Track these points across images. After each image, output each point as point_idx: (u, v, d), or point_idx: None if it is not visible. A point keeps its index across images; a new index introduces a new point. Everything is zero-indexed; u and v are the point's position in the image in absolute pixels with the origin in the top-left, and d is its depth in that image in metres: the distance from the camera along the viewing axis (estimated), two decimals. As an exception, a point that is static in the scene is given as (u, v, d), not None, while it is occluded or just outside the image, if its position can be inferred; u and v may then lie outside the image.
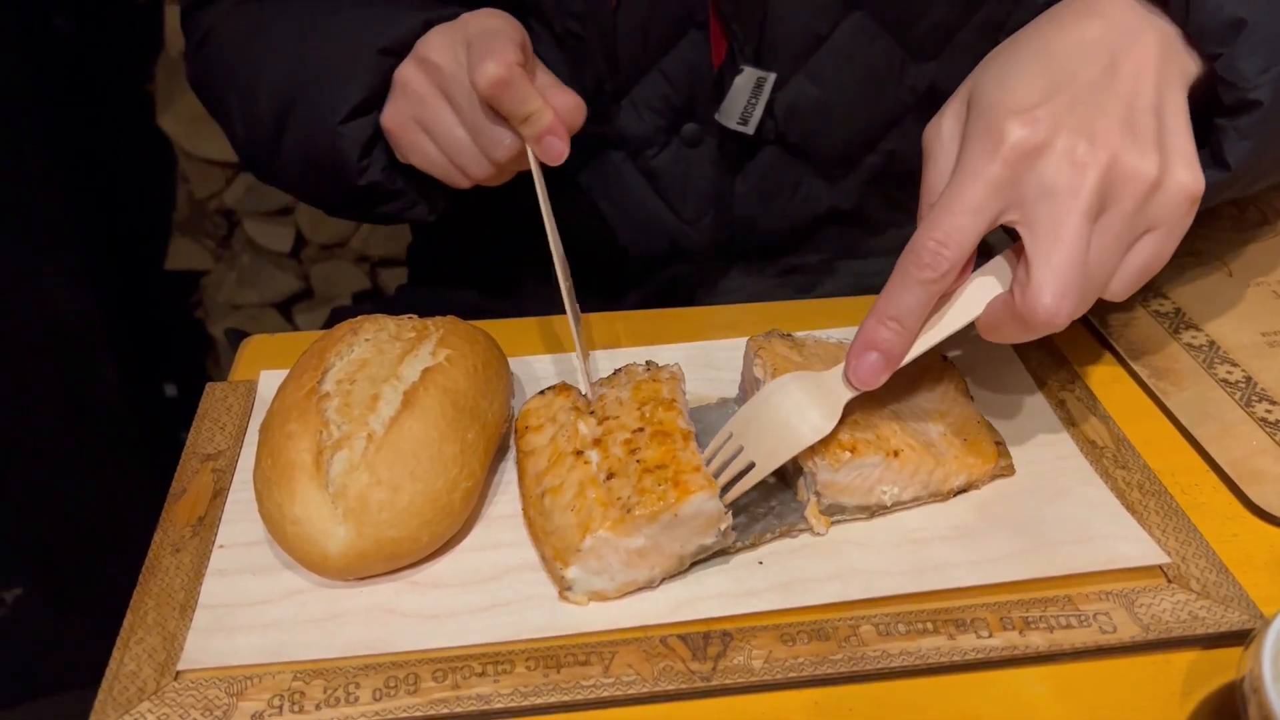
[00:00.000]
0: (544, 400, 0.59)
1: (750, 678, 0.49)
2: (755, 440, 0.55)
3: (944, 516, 0.57)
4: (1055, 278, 0.49)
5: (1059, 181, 0.49)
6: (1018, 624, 0.51)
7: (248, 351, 0.72)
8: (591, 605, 0.52)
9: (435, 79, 0.63)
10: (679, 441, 0.53)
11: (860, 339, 0.53)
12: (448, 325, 0.60)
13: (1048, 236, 0.49)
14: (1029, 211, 0.50)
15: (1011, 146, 0.50)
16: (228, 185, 1.62)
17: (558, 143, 0.60)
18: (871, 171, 0.84)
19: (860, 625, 0.52)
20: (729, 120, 0.76)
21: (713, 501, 0.51)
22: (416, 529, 0.52)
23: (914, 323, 0.52)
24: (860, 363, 0.53)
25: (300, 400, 0.54)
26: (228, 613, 0.52)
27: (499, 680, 0.49)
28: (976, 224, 0.50)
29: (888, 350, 0.53)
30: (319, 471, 0.52)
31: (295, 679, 0.49)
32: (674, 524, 0.51)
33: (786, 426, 0.54)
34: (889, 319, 0.52)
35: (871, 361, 0.53)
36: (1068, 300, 0.49)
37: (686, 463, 0.52)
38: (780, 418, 0.55)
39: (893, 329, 0.52)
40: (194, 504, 0.59)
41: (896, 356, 0.53)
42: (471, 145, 0.63)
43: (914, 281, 0.51)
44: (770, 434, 0.54)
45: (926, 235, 0.50)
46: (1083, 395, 0.66)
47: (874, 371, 0.53)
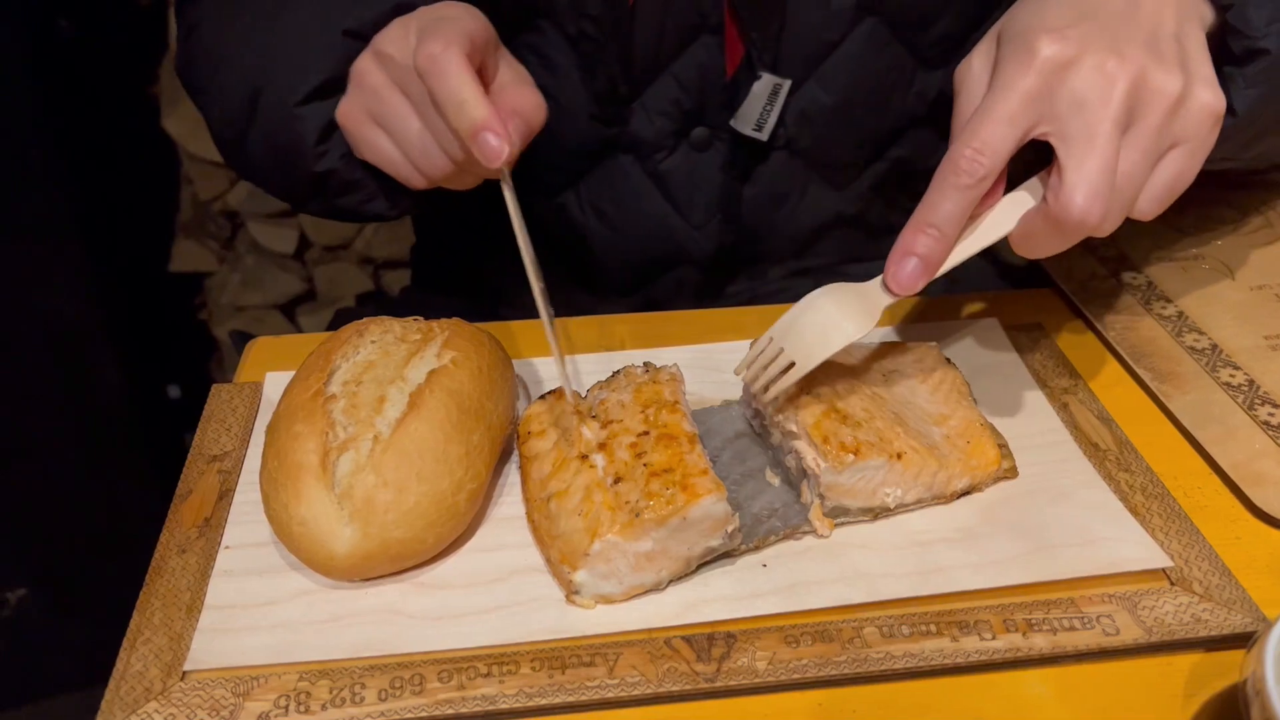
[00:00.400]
0: (545, 405, 0.59)
1: (754, 679, 0.49)
2: (796, 341, 0.55)
3: (947, 519, 0.58)
4: (1087, 180, 0.50)
5: (1090, 93, 0.50)
6: (1021, 626, 0.52)
7: (253, 353, 0.72)
8: (599, 607, 0.52)
9: (390, 71, 0.60)
10: (685, 444, 0.53)
11: (899, 246, 0.54)
12: (453, 327, 0.60)
13: (1080, 143, 0.50)
14: (1061, 122, 0.51)
15: (1044, 60, 0.51)
16: (231, 187, 1.61)
17: (492, 139, 0.55)
18: (878, 178, 0.85)
19: (864, 627, 0.52)
20: (744, 126, 0.76)
21: (721, 504, 0.51)
22: (422, 530, 0.53)
23: (952, 229, 0.53)
24: (899, 268, 0.53)
25: (306, 402, 0.55)
26: (234, 613, 0.53)
27: (504, 681, 0.49)
28: (1011, 133, 0.51)
29: (926, 256, 0.53)
30: (325, 473, 0.52)
31: (301, 679, 0.50)
32: (682, 527, 0.51)
33: (827, 325, 0.55)
34: (928, 225, 0.53)
35: (910, 267, 0.53)
36: (1099, 201, 0.50)
37: (694, 466, 0.52)
38: (821, 318, 0.55)
39: (931, 235, 0.53)
40: (200, 505, 0.59)
41: (934, 263, 0.53)
42: (428, 141, 0.60)
43: (951, 188, 0.52)
44: (811, 334, 0.55)
45: (963, 144, 0.52)
46: (1085, 398, 0.66)
47: (913, 277, 0.53)
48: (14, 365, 1.33)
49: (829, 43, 0.75)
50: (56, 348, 1.39)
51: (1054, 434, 0.63)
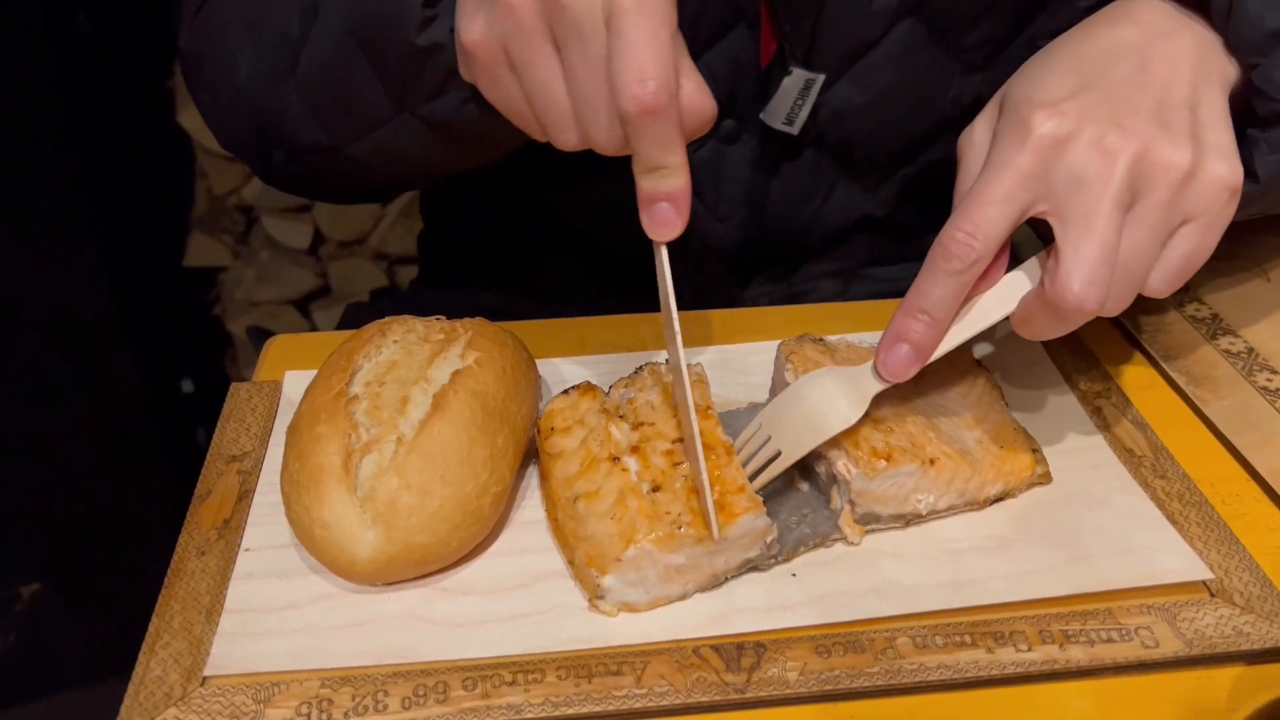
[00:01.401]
0: (569, 401, 0.58)
1: (785, 690, 0.48)
2: (783, 429, 0.55)
3: (980, 526, 0.56)
4: (1085, 264, 0.48)
5: (1088, 170, 0.49)
6: (1057, 637, 0.50)
7: (271, 351, 0.71)
8: (622, 616, 0.51)
9: (550, 12, 0.46)
10: (722, 456, 0.52)
11: (890, 331, 0.53)
12: (476, 327, 0.59)
13: (1077, 224, 0.49)
14: (1059, 201, 0.49)
15: (1040, 137, 0.49)
16: (246, 181, 1.61)
17: (673, 216, 0.48)
18: (909, 181, 0.83)
19: (896, 637, 0.51)
20: (774, 120, 0.74)
21: (761, 519, 0.50)
22: (446, 534, 0.52)
23: (944, 315, 0.52)
24: (890, 355, 0.53)
25: (328, 403, 0.54)
26: (254, 618, 0.52)
27: (529, 690, 0.48)
28: (1005, 214, 0.50)
29: (917, 343, 0.52)
30: (348, 475, 0.51)
31: (323, 686, 0.49)
32: (721, 546, 0.50)
33: (815, 415, 0.54)
34: (918, 311, 0.52)
35: (901, 354, 0.52)
36: (1096, 287, 0.48)
37: (732, 481, 0.51)
38: (808, 407, 0.54)
39: (923, 320, 0.52)
40: (219, 506, 0.58)
41: (926, 350, 0.52)
42: (568, 111, 0.49)
43: (942, 273, 0.50)
44: (798, 423, 0.54)
45: (955, 227, 0.50)
46: (1118, 401, 0.65)
47: (903, 364, 0.52)
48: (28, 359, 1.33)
49: (866, 41, 0.73)
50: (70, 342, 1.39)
51: (1087, 439, 0.62)
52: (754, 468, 0.55)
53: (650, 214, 0.49)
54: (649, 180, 0.48)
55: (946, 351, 0.53)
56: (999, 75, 0.78)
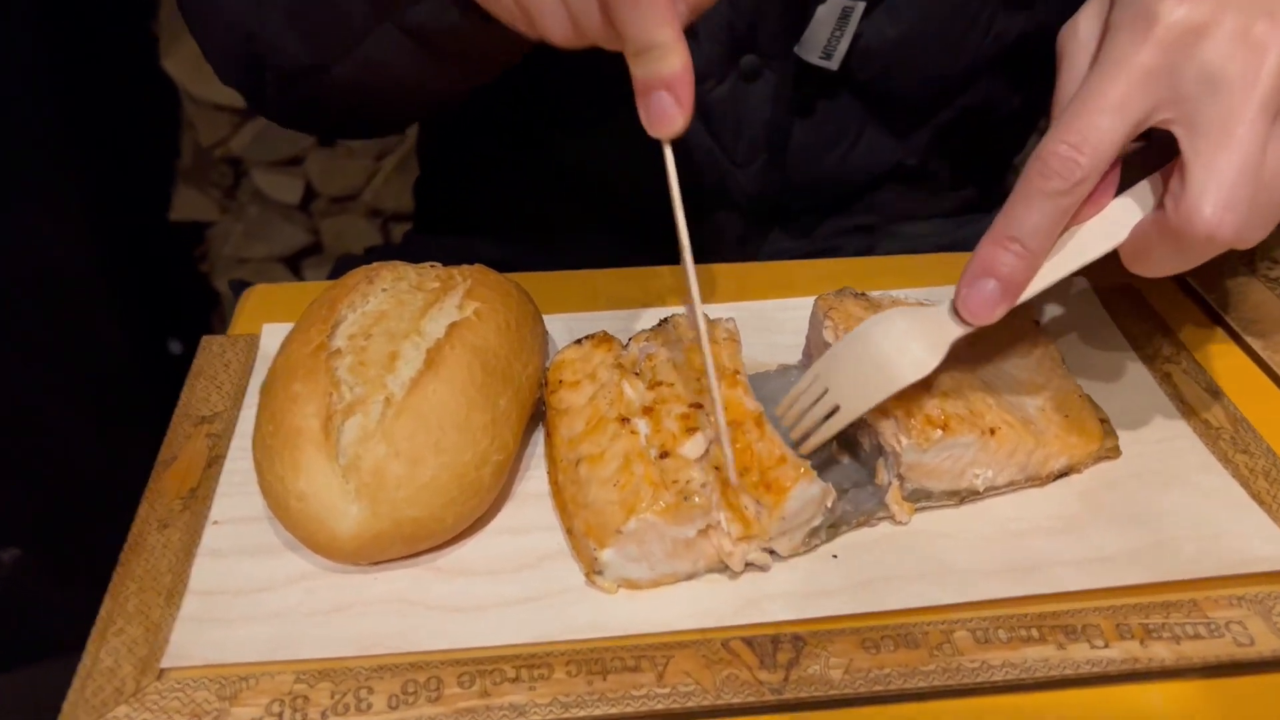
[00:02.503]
0: (581, 352, 0.52)
1: (829, 690, 0.42)
2: (844, 380, 0.47)
3: (1043, 505, 0.50)
4: (1219, 183, 0.40)
5: (1228, 67, 0.41)
6: (1137, 632, 0.44)
7: (250, 302, 0.65)
8: (641, 601, 0.45)
9: None
10: (752, 429, 0.46)
11: (974, 264, 0.45)
12: (476, 275, 0.52)
13: (1212, 135, 0.41)
14: (1188, 107, 0.41)
15: (1168, 27, 0.41)
16: (234, 132, 1.54)
17: (672, 107, 0.43)
18: (944, 127, 0.77)
19: (954, 630, 0.44)
20: (810, 54, 0.67)
21: (815, 484, 0.45)
22: (440, 508, 0.45)
23: (1039, 244, 0.44)
24: (973, 292, 0.45)
25: (307, 357, 0.47)
26: (221, 600, 0.46)
27: (535, 687, 0.42)
28: (1119, 125, 0.42)
29: (1007, 277, 0.44)
30: (328, 440, 0.45)
31: (298, 681, 0.43)
32: (781, 528, 0.45)
33: (883, 363, 0.47)
34: (1009, 240, 0.44)
35: (987, 291, 0.45)
36: (1234, 213, 0.40)
37: (770, 454, 0.46)
38: (875, 353, 0.47)
39: (1014, 252, 0.44)
40: (185, 473, 0.52)
41: (1017, 286, 0.45)
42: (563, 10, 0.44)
43: (1040, 194, 0.43)
44: (862, 372, 0.47)
45: (1057, 139, 0.42)
46: (1189, 369, 0.58)
47: (989, 303, 0.45)
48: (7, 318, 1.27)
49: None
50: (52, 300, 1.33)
51: (1158, 409, 0.56)
52: (806, 426, 0.48)
53: (647, 106, 0.43)
54: (641, 65, 0.42)
55: (1040, 290, 0.45)
56: (1046, 15, 0.71)
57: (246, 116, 1.54)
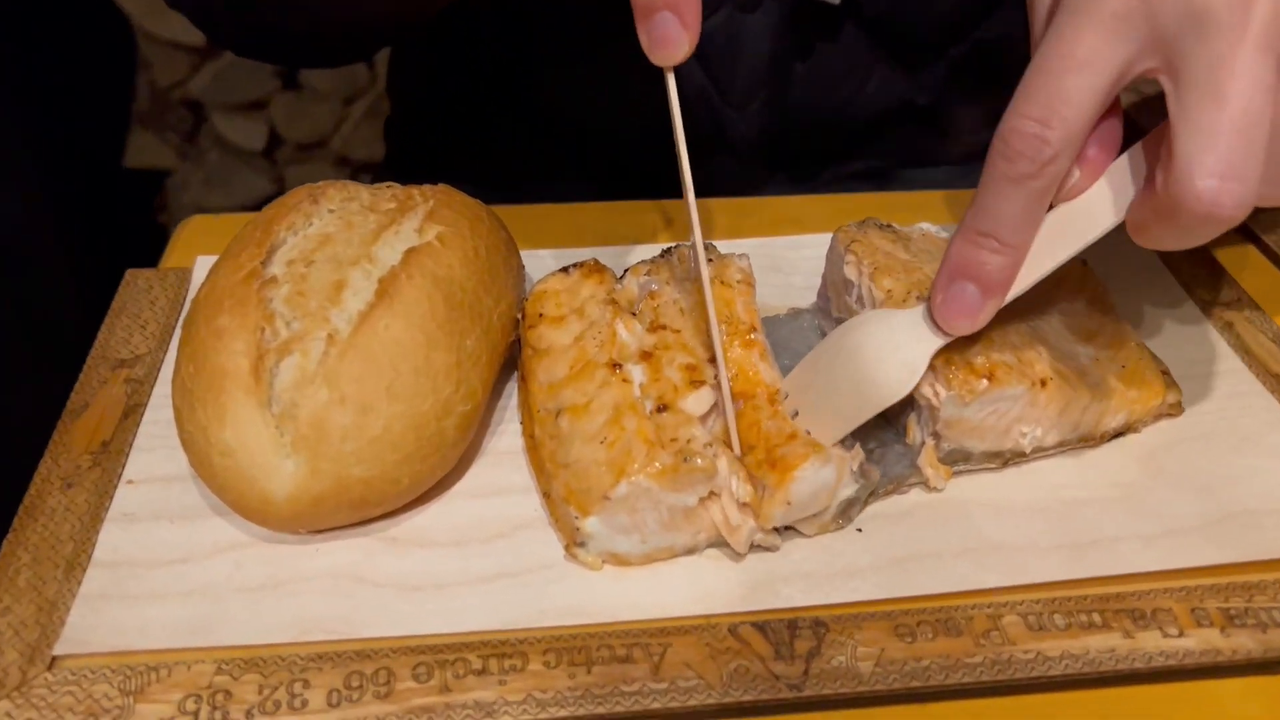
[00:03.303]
0: (567, 282, 0.45)
1: (856, 686, 0.36)
2: (812, 406, 0.41)
3: (1099, 470, 0.44)
4: (1212, 147, 0.33)
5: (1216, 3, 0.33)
6: (1216, 618, 0.38)
7: (185, 233, 0.58)
8: (635, 581, 0.39)
9: None
10: (764, 405, 0.40)
11: (948, 266, 0.39)
12: (440, 196, 0.45)
13: (1200, 85, 0.33)
14: (1171, 50, 0.34)
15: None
16: (194, 73, 1.48)
17: (675, 29, 0.38)
18: (957, 63, 0.71)
19: (1002, 615, 0.38)
20: None
21: (828, 467, 0.38)
22: (394, 466, 0.39)
23: (1018, 236, 0.38)
24: (950, 298, 0.39)
25: (236, 286, 0.40)
26: (130, 574, 0.39)
27: (506, 681, 0.35)
28: (1092, 84, 0.35)
29: (987, 278, 0.38)
30: (259, 384, 0.38)
31: (220, 672, 0.36)
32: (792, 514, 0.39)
33: (852, 386, 0.40)
34: (981, 235, 0.38)
35: (967, 296, 0.38)
36: (1236, 181, 0.33)
37: (779, 431, 0.39)
38: (843, 375, 0.41)
39: (991, 249, 0.38)
40: (97, 424, 0.45)
41: (1000, 285, 0.38)
42: None
43: (1005, 180, 0.36)
44: (829, 398, 0.41)
45: (1018, 113, 0.36)
46: (1253, 316, 0.52)
47: (970, 309, 0.39)
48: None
49: None
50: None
51: (1222, 361, 0.49)
52: None
53: (648, 29, 0.38)
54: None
55: (1032, 284, 0.39)
56: None
57: (206, 56, 1.48)
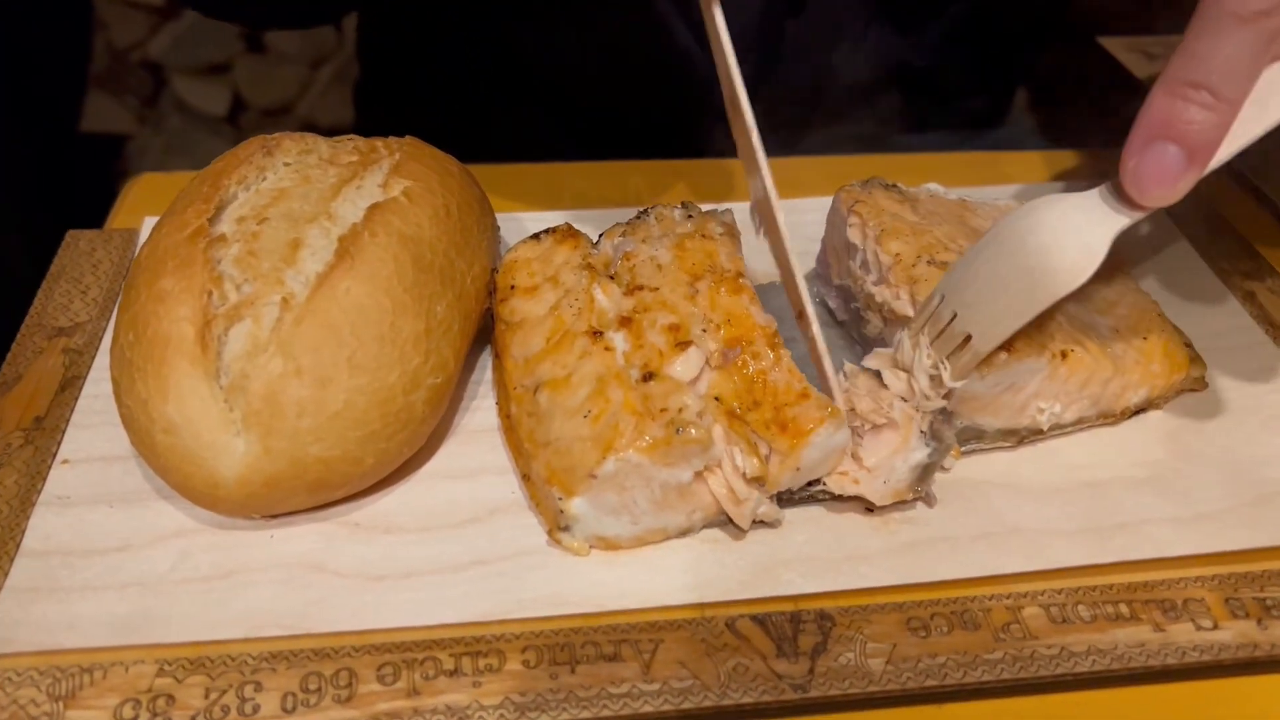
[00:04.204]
0: (539, 249, 0.41)
1: (867, 685, 0.33)
2: (974, 302, 0.37)
3: (1121, 449, 0.41)
4: None
5: None
6: (1252, 609, 0.35)
7: (134, 192, 0.54)
8: (625, 568, 0.36)
9: None
10: (765, 351, 0.37)
11: (1146, 123, 0.34)
12: (407, 148, 0.41)
13: None
14: None
15: None
16: (153, 33, 1.44)
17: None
18: (956, 23, 0.69)
19: (1023, 607, 0.35)
20: None
21: (844, 431, 0.36)
22: (356, 445, 0.35)
23: (1235, 90, 0.33)
24: (1147, 161, 0.34)
25: (180, 245, 0.36)
26: (64, 564, 0.36)
27: (481, 683, 0.32)
28: None
29: (1194, 138, 0.34)
30: (205, 353, 0.34)
31: (161, 673, 0.33)
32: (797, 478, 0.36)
33: (1025, 276, 0.36)
34: (1192, 86, 0.33)
35: (1168, 159, 0.34)
36: None
37: (788, 388, 0.36)
38: (1017, 259, 0.36)
39: (1201, 102, 0.33)
40: (31, 398, 0.41)
41: (1206, 148, 0.34)
42: None
43: (1235, 20, 0.33)
44: (1000, 285, 0.36)
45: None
46: (1275, 286, 0.49)
47: (1170, 174, 0.34)
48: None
49: None
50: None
51: (1245, 333, 0.46)
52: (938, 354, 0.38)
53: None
54: None
55: (1237, 151, 0.35)
56: None
57: (167, 16, 1.42)
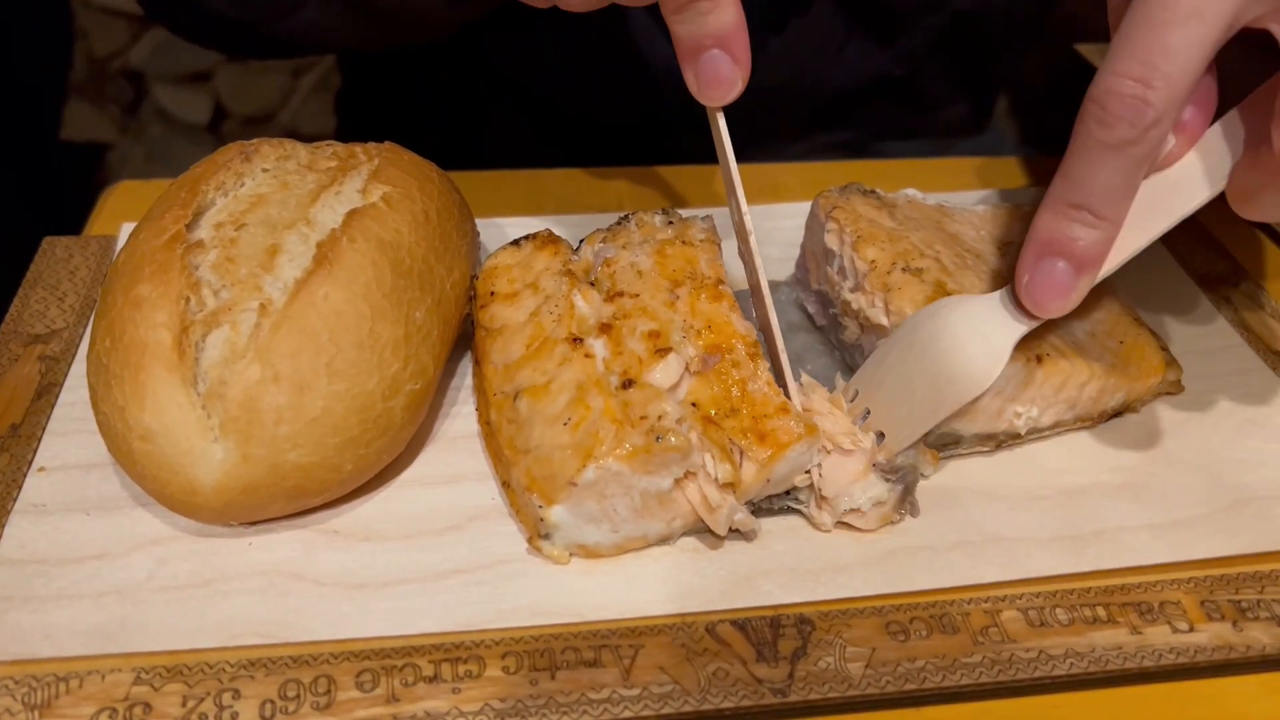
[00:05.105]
0: (519, 256, 0.41)
1: (847, 690, 0.33)
2: (886, 404, 0.38)
3: (1098, 453, 0.41)
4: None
5: None
6: (1227, 612, 0.35)
7: (112, 199, 0.53)
8: (605, 576, 0.36)
9: None
10: (745, 361, 0.37)
11: (1035, 241, 0.36)
12: (386, 154, 0.41)
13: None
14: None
15: None
16: (134, 42, 1.45)
17: (728, 68, 0.37)
18: (934, 34, 0.69)
19: (1001, 611, 0.35)
20: None
21: (815, 450, 0.36)
22: (335, 451, 0.35)
23: (1113, 209, 0.35)
24: (1040, 276, 0.36)
25: (158, 251, 0.36)
26: (40, 573, 0.35)
27: (461, 689, 0.32)
28: (1198, 39, 0.32)
29: (1079, 254, 0.35)
30: (183, 360, 0.34)
31: (139, 682, 0.32)
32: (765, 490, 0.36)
33: (931, 382, 0.37)
34: (1073, 207, 0.35)
35: (1058, 275, 0.35)
36: None
37: (766, 400, 0.36)
38: (919, 370, 0.37)
39: (1083, 222, 0.35)
40: (6, 404, 0.41)
41: (1092, 261, 0.36)
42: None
43: (1102, 148, 0.34)
44: (906, 395, 0.38)
45: (1116, 72, 0.33)
46: (1250, 290, 0.49)
47: (1062, 288, 0.36)
48: None
49: None
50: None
51: (1220, 337, 0.47)
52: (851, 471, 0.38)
53: (697, 69, 0.37)
54: (685, 22, 0.36)
55: (1125, 260, 0.36)
56: None
57: (148, 24, 1.41)
